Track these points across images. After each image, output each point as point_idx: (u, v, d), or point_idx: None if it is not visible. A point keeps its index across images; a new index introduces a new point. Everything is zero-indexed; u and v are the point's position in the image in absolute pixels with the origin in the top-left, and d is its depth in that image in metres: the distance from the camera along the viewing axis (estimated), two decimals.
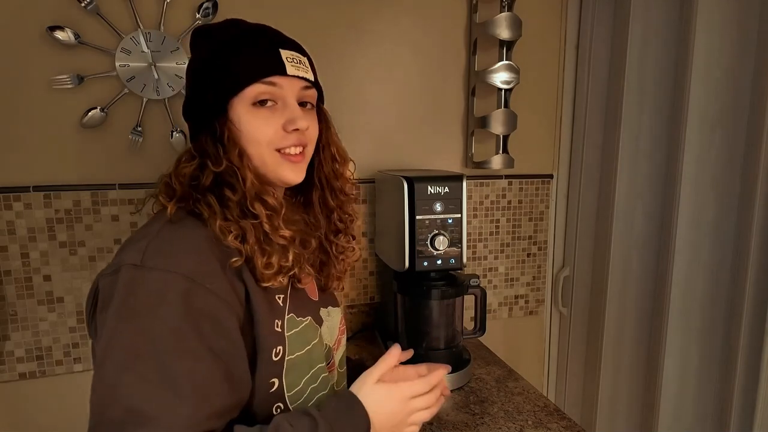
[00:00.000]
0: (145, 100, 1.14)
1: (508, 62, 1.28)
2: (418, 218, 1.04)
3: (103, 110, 1.12)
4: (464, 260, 1.08)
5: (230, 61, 0.65)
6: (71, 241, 1.15)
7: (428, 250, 1.05)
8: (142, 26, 1.11)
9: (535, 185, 1.50)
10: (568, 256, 1.55)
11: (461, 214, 1.06)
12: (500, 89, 1.29)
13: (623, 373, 1.33)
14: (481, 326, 1.19)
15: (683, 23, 1.10)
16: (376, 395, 0.64)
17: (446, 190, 1.04)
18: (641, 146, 1.24)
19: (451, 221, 1.06)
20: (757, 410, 0.99)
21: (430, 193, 1.04)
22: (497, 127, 1.30)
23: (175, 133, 1.16)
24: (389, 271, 1.20)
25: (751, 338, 1.01)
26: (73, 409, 1.17)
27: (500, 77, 1.27)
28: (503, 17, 1.24)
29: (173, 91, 1.14)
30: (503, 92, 1.30)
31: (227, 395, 0.57)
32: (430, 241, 1.05)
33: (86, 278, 1.17)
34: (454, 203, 1.05)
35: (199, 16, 1.14)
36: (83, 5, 1.06)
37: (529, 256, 1.54)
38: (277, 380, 0.65)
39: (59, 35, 1.06)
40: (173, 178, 0.65)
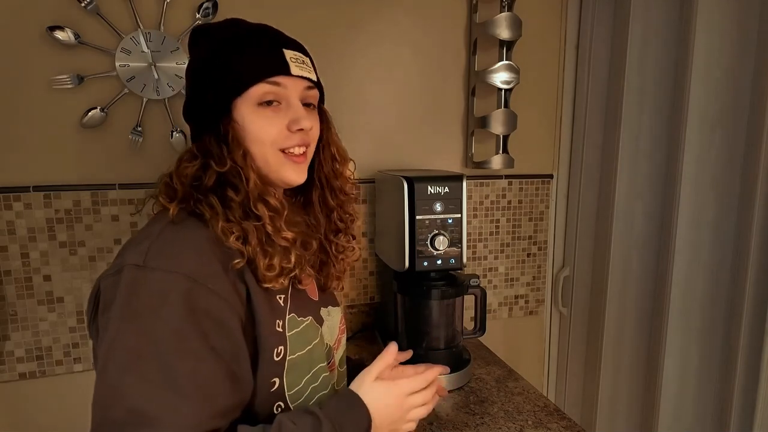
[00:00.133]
0: (145, 100, 1.14)
1: (508, 62, 1.28)
2: (418, 218, 1.04)
3: (103, 110, 1.12)
4: (464, 260, 1.08)
5: (233, 60, 0.65)
6: (71, 241, 1.15)
7: (428, 250, 1.05)
8: (142, 26, 1.11)
9: (535, 185, 1.50)
10: (568, 256, 1.55)
11: (461, 214, 1.06)
12: (500, 89, 1.30)
13: (623, 373, 1.33)
14: (481, 326, 1.19)
15: (683, 23, 1.10)
16: (375, 392, 0.65)
17: (446, 190, 1.05)
18: (641, 146, 1.24)
19: (451, 221, 1.06)
20: (757, 410, 0.99)
21: (430, 193, 1.04)
22: (497, 127, 1.30)
23: (175, 133, 1.16)
24: (389, 271, 1.20)
25: (751, 338, 1.01)
26: (73, 409, 1.17)
27: (500, 77, 1.27)
28: (503, 17, 1.24)
29: (173, 91, 1.15)
30: (503, 92, 1.30)
31: (230, 395, 0.58)
32: (430, 241, 1.05)
33: (86, 278, 1.17)
34: (454, 203, 1.05)
35: (199, 16, 1.14)
36: (83, 5, 1.06)
37: (529, 256, 1.54)
38: (278, 380, 0.65)
39: (59, 35, 1.06)
40: (174, 178, 0.64)
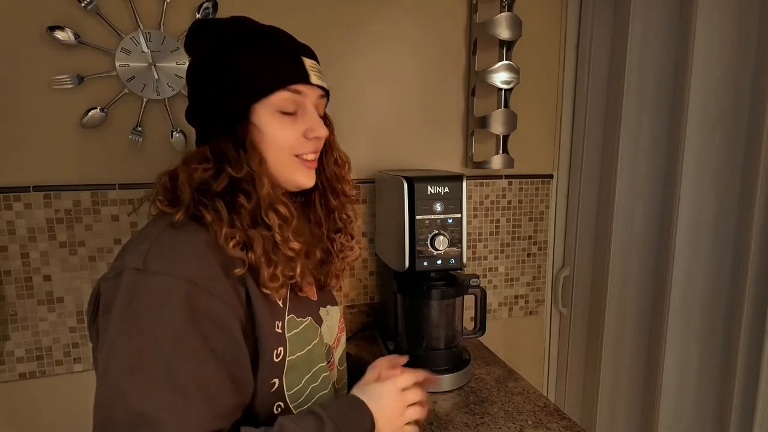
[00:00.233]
0: (145, 100, 1.14)
1: (508, 62, 1.28)
2: (418, 218, 1.04)
3: (103, 110, 1.12)
4: (464, 260, 1.08)
5: (255, 63, 0.65)
6: (71, 241, 1.15)
7: (428, 250, 1.05)
8: (142, 26, 1.11)
9: (535, 185, 1.50)
10: (568, 256, 1.55)
11: (461, 214, 1.06)
12: (500, 89, 1.29)
13: (623, 373, 1.33)
14: (481, 326, 1.19)
15: (683, 23, 1.10)
16: (373, 392, 0.67)
17: (446, 190, 1.05)
18: (641, 146, 1.24)
19: (451, 221, 1.06)
20: (757, 410, 0.99)
21: (430, 193, 1.04)
22: (497, 127, 1.30)
23: (175, 133, 1.16)
24: (389, 271, 1.20)
25: (751, 338, 1.01)
26: (73, 409, 1.17)
27: (500, 77, 1.27)
28: (503, 17, 1.24)
29: (173, 91, 1.14)
30: (503, 92, 1.30)
31: (231, 395, 0.58)
32: (430, 241, 1.05)
33: (86, 278, 1.17)
34: (454, 203, 1.05)
35: (199, 16, 1.14)
36: (83, 5, 1.06)
37: (529, 256, 1.54)
38: (277, 380, 0.65)
39: (59, 35, 1.06)
40: (181, 181, 0.63)
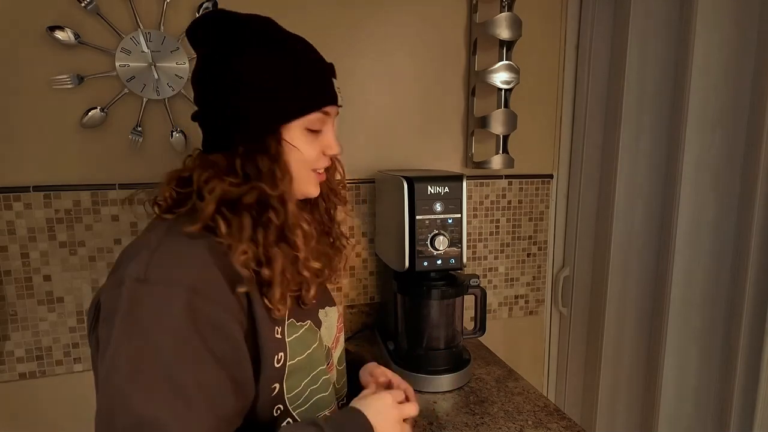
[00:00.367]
0: (145, 100, 1.14)
1: (508, 62, 1.27)
2: (418, 218, 1.04)
3: (103, 110, 1.12)
4: (464, 260, 1.08)
5: (293, 82, 0.65)
6: (71, 241, 1.15)
7: (428, 250, 1.05)
8: (142, 26, 1.11)
9: (535, 185, 1.50)
10: (568, 256, 1.55)
11: (461, 214, 1.06)
12: (500, 89, 1.29)
13: (623, 373, 1.33)
14: (481, 326, 1.19)
15: (683, 23, 1.10)
16: (372, 405, 0.67)
17: (446, 190, 1.05)
18: (641, 146, 1.24)
19: (451, 221, 1.06)
20: (757, 410, 0.99)
21: (430, 193, 1.04)
22: (497, 127, 1.30)
23: (175, 133, 1.16)
24: (389, 271, 1.20)
25: (751, 338, 1.01)
26: (73, 409, 1.17)
27: (500, 77, 1.27)
28: (503, 17, 1.24)
29: (173, 91, 1.14)
30: (503, 92, 1.30)
31: (233, 399, 0.58)
32: (430, 241, 1.05)
33: (86, 278, 1.17)
34: (454, 203, 1.05)
35: (199, 16, 1.14)
36: (83, 5, 1.06)
37: (529, 256, 1.54)
38: (278, 385, 0.65)
39: (59, 35, 1.06)
40: (209, 194, 0.62)
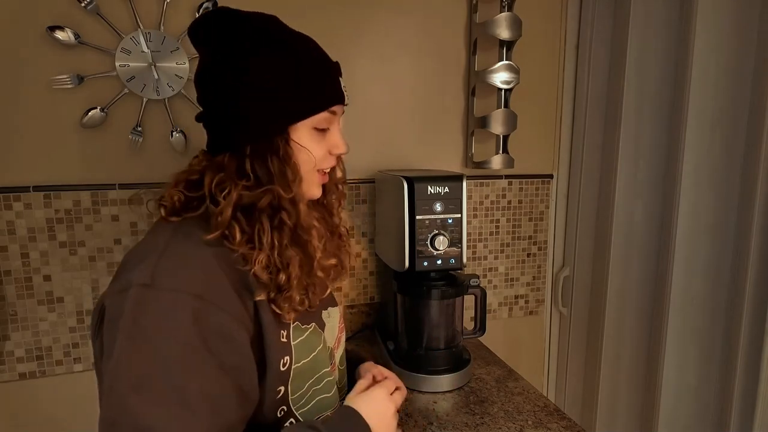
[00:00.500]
0: (145, 100, 1.14)
1: (508, 62, 1.27)
2: (418, 218, 1.04)
3: (103, 110, 1.12)
4: (464, 260, 1.08)
5: (301, 82, 0.64)
6: (71, 241, 1.15)
7: (428, 250, 1.05)
8: (142, 26, 1.11)
9: (535, 185, 1.50)
10: (568, 256, 1.55)
11: (461, 214, 1.06)
12: (500, 89, 1.29)
13: (623, 373, 1.33)
14: (481, 326, 1.19)
15: (683, 23, 1.10)
16: (366, 400, 0.68)
17: (446, 190, 1.04)
18: (641, 146, 1.24)
19: (451, 221, 1.06)
20: (757, 410, 0.99)
21: (430, 193, 1.04)
22: (497, 127, 1.30)
23: (175, 133, 1.16)
24: (389, 271, 1.20)
25: (751, 338, 1.01)
26: (73, 409, 1.17)
27: (500, 77, 1.27)
28: (503, 17, 1.24)
29: (173, 91, 1.14)
30: (503, 92, 1.30)
31: (238, 409, 0.58)
32: (430, 241, 1.05)
33: (86, 278, 1.17)
34: (454, 203, 1.05)
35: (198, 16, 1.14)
36: (83, 5, 1.06)
37: (529, 256, 1.54)
38: (283, 387, 0.66)
39: (59, 35, 1.06)
40: (224, 201, 0.61)
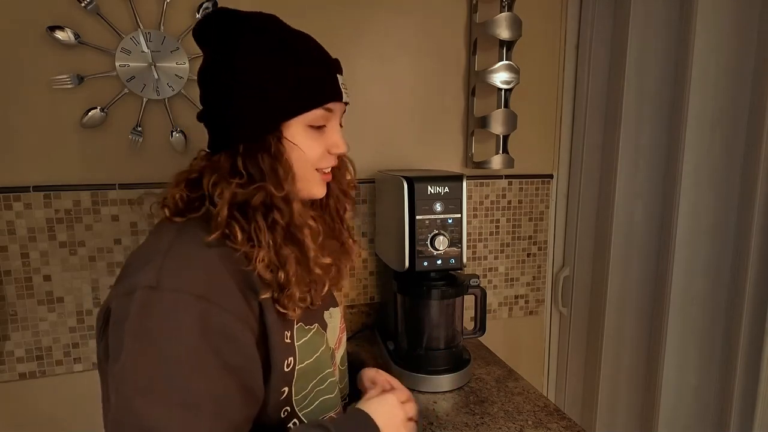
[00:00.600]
0: (145, 100, 1.14)
1: (508, 62, 1.27)
2: (418, 218, 1.04)
3: (103, 110, 1.12)
4: (464, 260, 1.08)
5: (293, 79, 0.64)
6: (71, 241, 1.15)
7: (428, 250, 1.05)
8: (142, 26, 1.11)
9: (535, 185, 1.50)
10: (568, 256, 1.55)
11: (461, 214, 1.06)
12: (500, 89, 1.29)
13: (623, 373, 1.33)
14: (481, 326, 1.19)
15: (683, 23, 1.10)
16: (378, 408, 0.68)
17: (446, 190, 1.04)
18: (641, 146, 1.24)
19: (451, 221, 1.06)
20: (757, 410, 0.99)
21: (430, 193, 1.04)
22: (497, 127, 1.30)
23: (175, 133, 1.16)
24: (389, 271, 1.20)
25: (751, 338, 1.01)
26: (73, 409, 1.17)
27: (500, 77, 1.27)
28: (503, 17, 1.24)
29: (173, 91, 1.14)
30: (503, 92, 1.30)
31: (243, 409, 0.58)
32: (430, 241, 1.05)
33: (86, 278, 1.17)
34: (454, 203, 1.05)
35: (199, 16, 1.14)
36: (83, 5, 1.06)
37: (529, 256, 1.54)
38: (287, 388, 0.66)
39: (59, 35, 1.06)
40: (220, 199, 0.61)
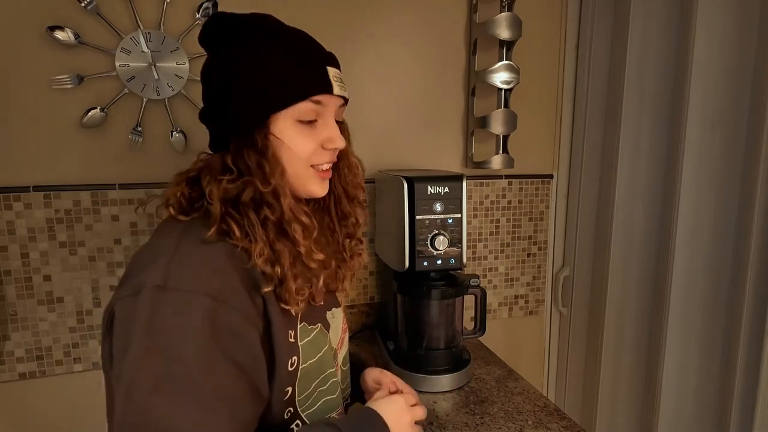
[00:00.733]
0: (145, 100, 1.14)
1: (508, 62, 1.27)
2: (418, 218, 1.04)
3: (103, 110, 1.12)
4: (464, 260, 1.08)
5: (279, 71, 0.63)
6: (71, 241, 1.15)
7: (428, 250, 1.05)
8: (142, 26, 1.11)
9: (535, 185, 1.50)
10: (568, 256, 1.55)
11: (461, 214, 1.06)
12: (500, 89, 1.29)
13: (623, 373, 1.33)
14: (481, 326, 1.19)
15: (683, 23, 1.10)
16: (387, 408, 0.68)
17: (446, 190, 1.04)
18: (641, 146, 1.24)
19: (451, 221, 1.06)
20: (757, 410, 0.99)
21: (430, 193, 1.04)
22: (497, 127, 1.30)
23: (175, 133, 1.16)
24: (389, 271, 1.20)
25: (751, 338, 1.01)
26: (73, 409, 1.17)
27: (500, 77, 1.27)
28: (503, 17, 1.24)
29: (173, 91, 1.14)
30: (503, 92, 1.30)
31: (252, 407, 0.58)
32: (430, 241, 1.05)
33: (86, 278, 1.17)
34: (454, 203, 1.05)
35: (199, 16, 1.14)
36: (83, 5, 1.06)
37: (529, 256, 1.54)
38: (290, 388, 0.66)
39: (59, 35, 1.06)
40: (212, 195, 0.62)
